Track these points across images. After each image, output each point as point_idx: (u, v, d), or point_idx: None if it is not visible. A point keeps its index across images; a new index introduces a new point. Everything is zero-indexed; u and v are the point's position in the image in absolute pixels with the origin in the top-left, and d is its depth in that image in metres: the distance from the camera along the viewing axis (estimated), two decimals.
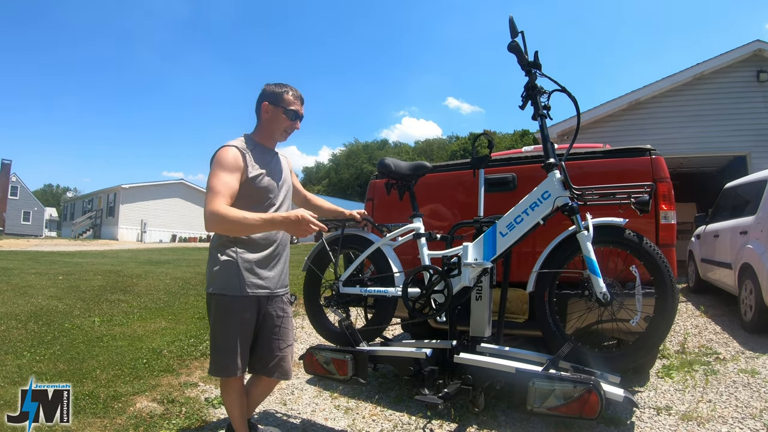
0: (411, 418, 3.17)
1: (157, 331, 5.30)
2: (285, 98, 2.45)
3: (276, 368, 2.50)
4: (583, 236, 2.36)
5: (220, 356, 2.36)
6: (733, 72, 10.63)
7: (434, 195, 3.53)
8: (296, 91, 2.50)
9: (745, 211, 5.94)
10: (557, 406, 2.16)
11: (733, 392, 3.43)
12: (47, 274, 8.99)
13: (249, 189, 2.37)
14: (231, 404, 2.48)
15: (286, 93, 2.46)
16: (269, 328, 2.48)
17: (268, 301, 2.46)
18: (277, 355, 2.50)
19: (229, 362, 2.33)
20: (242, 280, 2.33)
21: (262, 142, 2.53)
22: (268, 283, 2.44)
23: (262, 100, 2.48)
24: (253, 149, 2.44)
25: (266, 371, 2.50)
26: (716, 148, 10.66)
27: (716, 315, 6.20)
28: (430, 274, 2.69)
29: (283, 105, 2.45)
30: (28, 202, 44.97)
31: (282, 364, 2.51)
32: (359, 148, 67.19)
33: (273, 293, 2.48)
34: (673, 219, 3.03)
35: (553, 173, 2.46)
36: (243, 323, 2.36)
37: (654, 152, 3.05)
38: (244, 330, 2.36)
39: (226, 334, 2.33)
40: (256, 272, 2.38)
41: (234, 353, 2.32)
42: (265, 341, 2.48)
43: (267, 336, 2.48)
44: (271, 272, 2.46)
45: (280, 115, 2.46)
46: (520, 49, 2.51)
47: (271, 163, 2.51)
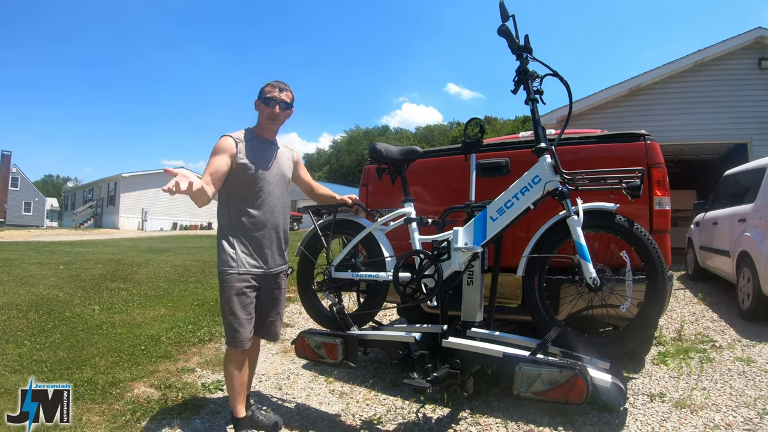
0: (404, 402, 3.19)
1: (156, 318, 5.33)
2: (264, 89, 2.71)
3: (266, 330, 2.80)
4: (573, 221, 2.36)
5: (229, 327, 2.60)
6: (735, 59, 10.53)
7: (427, 180, 3.53)
8: (275, 81, 2.73)
9: (744, 199, 5.92)
10: (543, 391, 2.17)
11: (727, 380, 3.43)
12: (48, 264, 9.03)
13: (239, 173, 2.61)
14: (230, 376, 2.65)
15: (267, 86, 2.71)
16: (265, 299, 2.74)
17: (264, 279, 2.69)
18: (268, 321, 2.78)
19: (234, 332, 2.58)
20: (239, 259, 2.60)
21: (260, 134, 2.76)
22: (262, 263, 2.67)
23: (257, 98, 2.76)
24: (250, 140, 2.70)
25: (257, 332, 2.73)
26: (717, 135, 10.59)
27: (714, 302, 6.20)
28: (421, 259, 2.70)
29: (262, 96, 2.70)
30: (29, 192, 45.02)
31: (271, 329, 2.81)
32: (360, 134, 66.97)
33: (268, 272, 2.71)
34: (667, 205, 3.01)
35: (543, 158, 2.45)
36: (241, 297, 2.58)
37: (649, 138, 3.03)
38: (243, 303, 2.59)
39: (230, 306, 2.57)
40: (250, 253, 2.64)
41: (237, 324, 2.57)
42: (260, 308, 2.72)
43: (261, 304, 2.73)
44: (265, 253, 2.69)
45: (261, 105, 2.71)
46: (510, 33, 2.50)
47: (266, 153, 2.73)
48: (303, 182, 3.07)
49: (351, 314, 3.01)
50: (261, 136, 2.76)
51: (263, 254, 2.67)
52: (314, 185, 3.13)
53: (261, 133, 2.76)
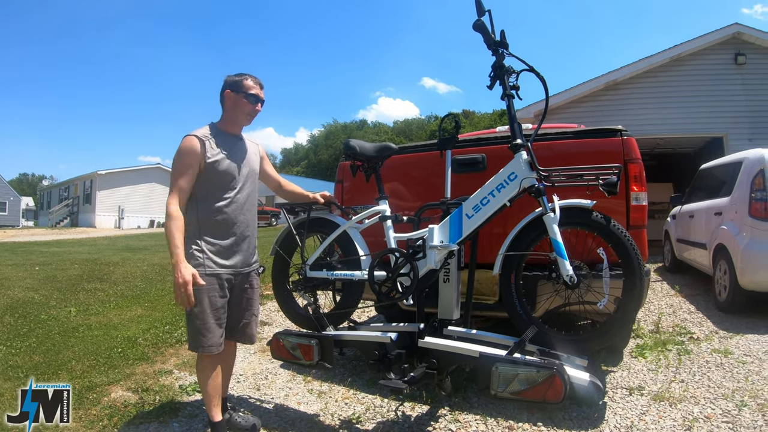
0: (383, 400, 3.17)
1: (133, 319, 5.26)
2: (245, 84, 2.59)
3: (241, 333, 2.72)
4: (549, 218, 2.34)
5: (195, 331, 2.49)
6: (711, 54, 10.66)
7: (401, 176, 3.50)
8: (255, 78, 2.64)
9: (721, 193, 5.99)
10: (521, 391, 2.15)
11: (705, 372, 3.46)
12: (24, 265, 8.87)
13: (209, 173, 2.51)
14: (204, 381, 2.58)
15: (246, 79, 2.60)
16: (236, 300, 2.66)
17: (235, 279, 2.62)
18: (242, 322, 2.71)
19: (202, 337, 2.48)
20: (206, 260, 2.50)
21: (226, 129, 2.65)
22: (233, 263, 2.60)
23: (224, 89, 2.61)
24: (216, 136, 2.58)
25: (231, 335, 2.67)
26: (693, 129, 10.73)
27: (691, 294, 6.27)
28: (396, 257, 2.67)
29: (244, 90, 2.59)
30: (4, 192, 43.91)
31: (246, 331, 2.74)
32: (338, 128, 66.73)
33: (239, 271, 2.64)
34: (644, 200, 3.02)
35: (519, 154, 2.42)
36: (212, 300, 2.49)
37: (625, 133, 3.03)
38: (214, 306, 2.50)
39: (199, 311, 2.46)
40: (220, 253, 2.55)
41: (205, 329, 2.48)
42: (233, 311, 2.65)
43: (234, 306, 2.65)
44: (236, 252, 2.61)
45: (241, 100, 2.60)
46: (486, 28, 2.46)
47: (233, 148, 2.63)
48: (270, 178, 2.98)
49: (327, 314, 2.98)
50: (227, 131, 2.65)
51: (233, 253, 2.59)
52: (282, 181, 3.05)
53: (227, 128, 2.65)
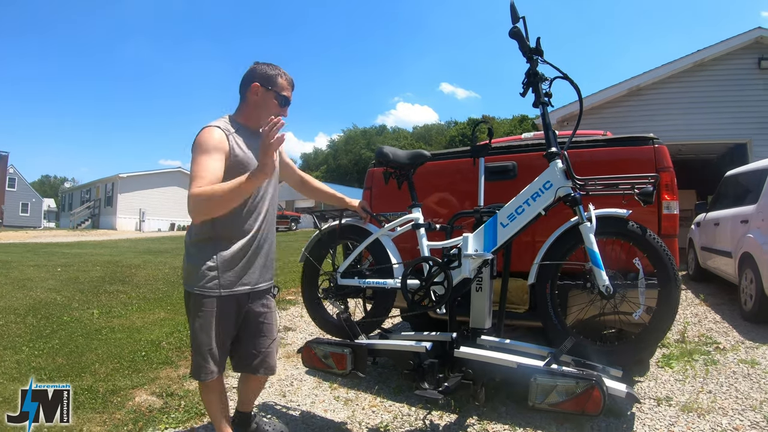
0: (411, 409, 3.14)
1: (156, 323, 5.28)
2: (279, 82, 2.27)
3: (261, 365, 2.40)
4: (585, 228, 2.32)
5: (199, 358, 2.22)
6: (734, 59, 10.55)
7: (432, 184, 3.48)
8: (288, 76, 2.32)
9: (746, 200, 5.90)
10: (559, 402, 2.12)
11: (733, 383, 3.40)
12: (46, 266, 8.97)
13: (234, 174, 2.10)
14: (209, 404, 2.38)
15: (280, 76, 2.28)
16: (253, 325, 2.36)
17: (249, 298, 2.31)
18: (262, 352, 2.39)
19: (205, 365, 2.21)
20: (221, 279, 2.17)
21: (247, 124, 2.32)
22: (249, 279, 2.27)
23: (252, 79, 2.26)
24: (237, 131, 2.24)
25: (251, 369, 2.40)
26: (717, 135, 10.61)
27: (716, 304, 6.17)
28: (430, 266, 2.65)
29: (276, 89, 2.27)
30: (26, 193, 44.92)
31: (267, 360, 2.41)
32: (357, 133, 67.05)
33: (254, 289, 2.31)
34: (675, 209, 2.98)
35: (555, 162, 2.41)
36: (222, 325, 2.21)
37: (657, 141, 3.00)
38: (222, 332, 2.22)
39: (206, 336, 2.19)
40: (234, 270, 2.21)
41: (210, 356, 2.21)
42: (249, 339, 2.36)
43: (251, 334, 2.36)
44: (251, 268, 2.28)
45: (271, 99, 2.27)
46: (521, 35, 2.45)
47: (257, 146, 2.21)
48: (291, 173, 2.67)
49: (358, 322, 2.96)
50: (248, 126, 2.31)
51: (251, 269, 2.27)
52: (305, 177, 2.79)
53: (249, 123, 2.31)
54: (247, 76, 2.29)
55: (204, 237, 2.19)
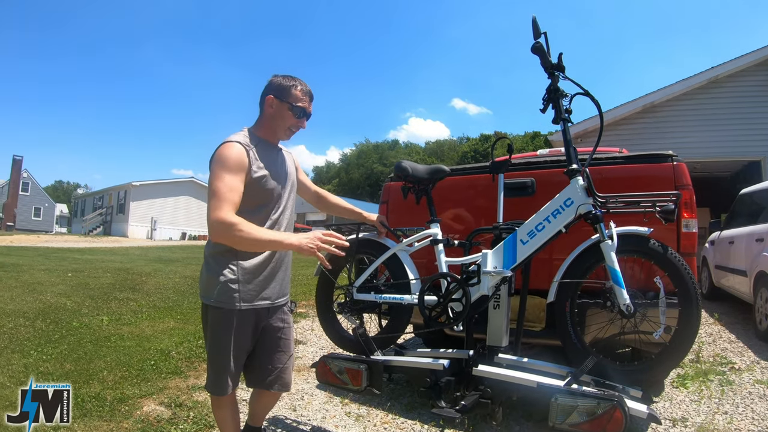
0: (423, 426, 3.10)
1: (166, 331, 5.27)
2: (293, 93, 2.22)
3: (276, 381, 2.34)
4: (607, 246, 2.28)
5: (215, 373, 2.19)
6: (749, 76, 10.53)
7: (450, 199, 3.45)
8: (305, 86, 2.27)
9: (762, 218, 5.84)
10: (580, 423, 2.08)
11: (749, 404, 3.36)
12: (57, 271, 9.01)
13: (254, 189, 2.13)
14: (222, 420, 2.34)
15: (294, 87, 2.23)
16: (271, 341, 2.31)
17: (268, 313, 2.27)
18: (278, 368, 2.33)
19: (220, 380, 2.18)
20: (241, 292, 2.13)
21: (266, 138, 2.29)
22: (270, 293, 2.24)
23: (267, 92, 2.24)
24: (256, 145, 2.20)
25: (265, 385, 2.33)
26: (731, 152, 10.56)
27: (730, 323, 6.10)
28: (448, 282, 2.62)
29: (290, 101, 2.21)
30: (39, 198, 45.40)
31: (282, 376, 2.35)
32: (369, 148, 67.33)
33: (274, 304, 2.28)
34: (694, 227, 2.94)
35: (576, 180, 2.38)
36: (240, 340, 2.17)
37: (676, 158, 2.96)
38: (240, 347, 2.19)
39: (224, 350, 2.15)
40: (255, 283, 2.18)
41: (226, 372, 2.17)
42: (267, 355, 2.31)
43: (268, 349, 2.31)
44: (272, 282, 2.25)
45: (286, 111, 2.23)
46: (544, 51, 2.43)
47: (276, 161, 2.29)
48: (307, 189, 2.66)
49: (373, 337, 2.92)
50: (267, 141, 2.28)
51: (271, 283, 2.24)
52: (321, 193, 2.77)
53: (267, 137, 2.28)
54: (264, 89, 2.28)
55: (225, 248, 2.12)
